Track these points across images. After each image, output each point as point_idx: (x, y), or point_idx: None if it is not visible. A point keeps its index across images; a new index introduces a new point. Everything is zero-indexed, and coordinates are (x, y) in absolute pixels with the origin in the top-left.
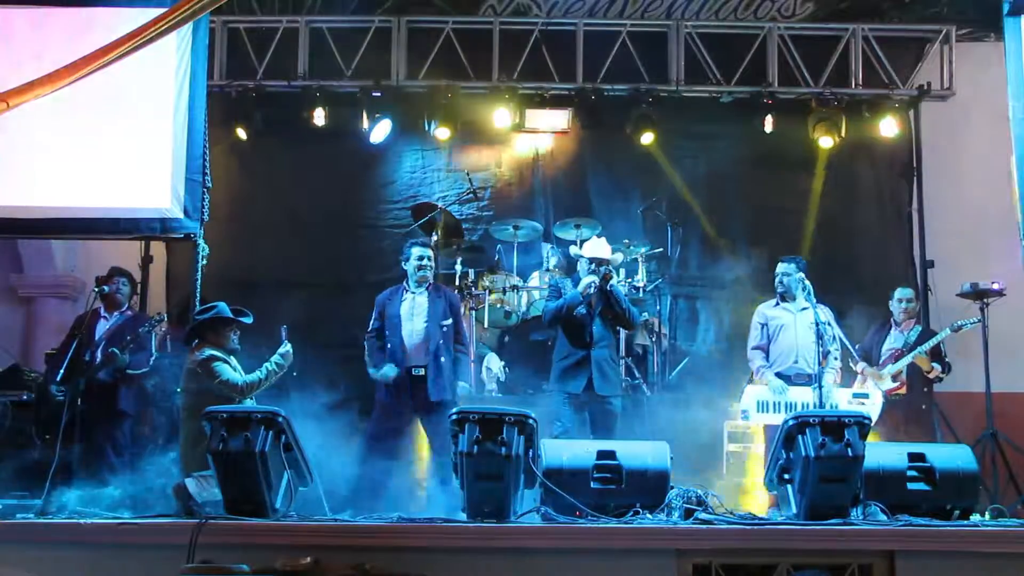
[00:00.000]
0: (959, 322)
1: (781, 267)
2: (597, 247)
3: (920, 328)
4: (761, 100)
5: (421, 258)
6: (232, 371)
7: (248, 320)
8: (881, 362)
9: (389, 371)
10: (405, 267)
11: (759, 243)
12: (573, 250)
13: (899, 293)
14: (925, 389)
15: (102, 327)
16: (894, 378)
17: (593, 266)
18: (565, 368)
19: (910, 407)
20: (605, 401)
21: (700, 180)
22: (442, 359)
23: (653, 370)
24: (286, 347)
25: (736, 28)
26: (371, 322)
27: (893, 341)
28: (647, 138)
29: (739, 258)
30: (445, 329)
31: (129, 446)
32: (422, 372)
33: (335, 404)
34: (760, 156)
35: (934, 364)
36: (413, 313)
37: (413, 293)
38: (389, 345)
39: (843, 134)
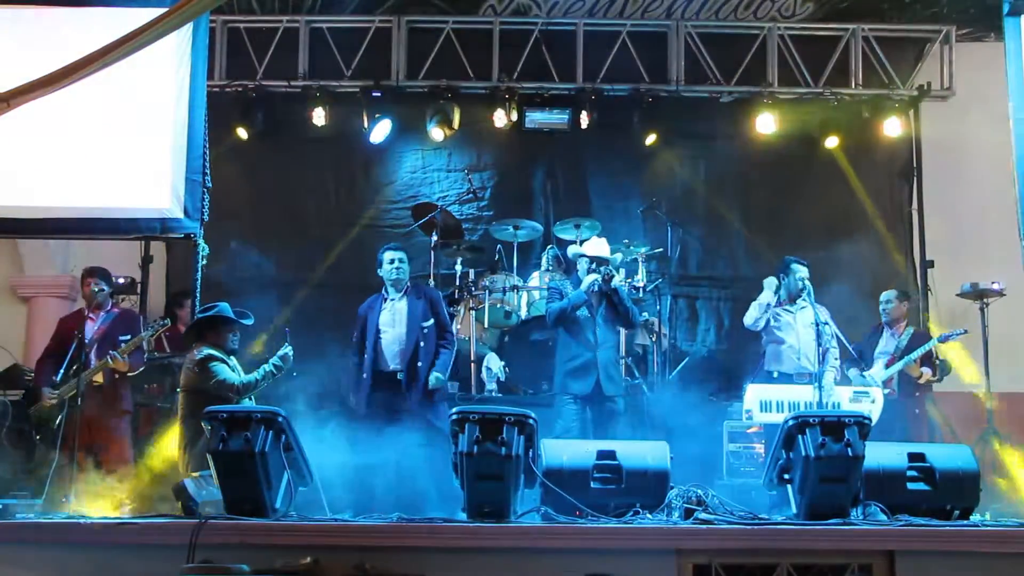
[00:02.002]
0: (945, 334)
1: (803, 271)
2: (597, 246)
3: (912, 330)
4: (761, 100)
5: (392, 261)
6: (229, 371)
7: (248, 322)
8: (873, 366)
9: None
10: (380, 273)
11: (759, 243)
12: (572, 249)
13: (882, 296)
14: (917, 394)
15: (90, 328)
16: (885, 383)
17: (594, 265)
18: (571, 370)
19: (900, 411)
20: (610, 401)
21: (700, 180)
22: (419, 364)
23: (653, 370)
24: (286, 349)
25: (736, 28)
26: (353, 336)
27: (885, 344)
28: (647, 138)
29: (739, 258)
30: (426, 331)
31: (130, 446)
32: (400, 377)
33: (335, 404)
34: (760, 156)
35: (923, 369)
36: (394, 321)
37: (392, 300)
38: (366, 355)
39: (843, 134)
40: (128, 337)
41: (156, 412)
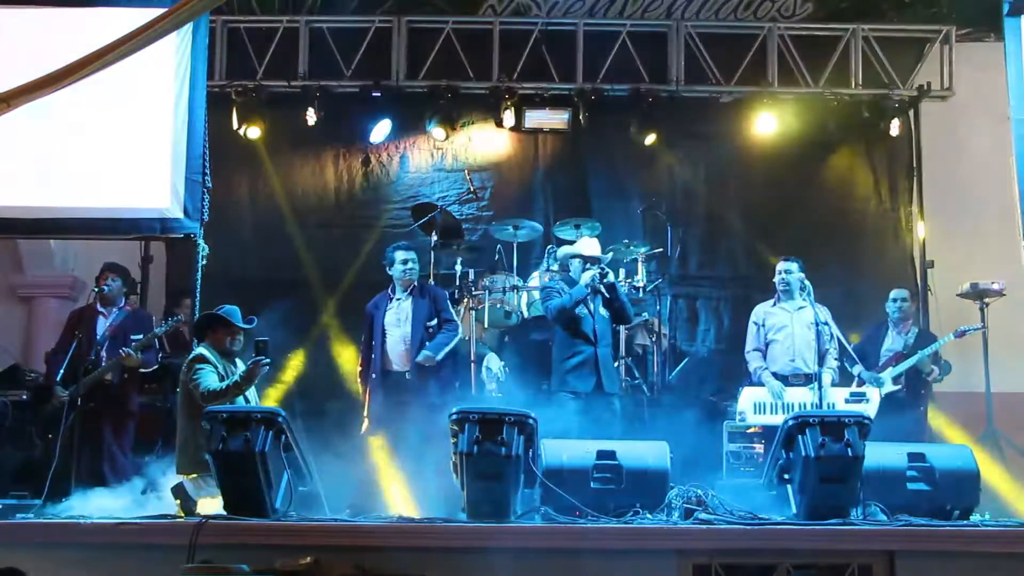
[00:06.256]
0: (963, 327)
1: (783, 266)
2: (589, 245)
3: (917, 329)
4: (761, 100)
5: (405, 261)
6: (209, 375)
7: (250, 326)
8: (881, 364)
9: None
10: (390, 272)
11: (759, 243)
12: (563, 250)
13: (894, 294)
14: (923, 391)
15: (102, 324)
16: (895, 380)
17: (588, 264)
18: (571, 367)
19: (907, 409)
20: (609, 399)
21: (700, 180)
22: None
23: (653, 370)
24: (252, 363)
25: (736, 28)
26: (362, 336)
27: (892, 343)
28: (647, 138)
29: (739, 258)
30: (431, 330)
31: (133, 446)
32: (406, 377)
33: (335, 404)
34: (759, 156)
35: (934, 367)
36: (399, 321)
37: (399, 300)
38: (374, 355)
39: (843, 134)
40: (140, 335)
41: (157, 412)
